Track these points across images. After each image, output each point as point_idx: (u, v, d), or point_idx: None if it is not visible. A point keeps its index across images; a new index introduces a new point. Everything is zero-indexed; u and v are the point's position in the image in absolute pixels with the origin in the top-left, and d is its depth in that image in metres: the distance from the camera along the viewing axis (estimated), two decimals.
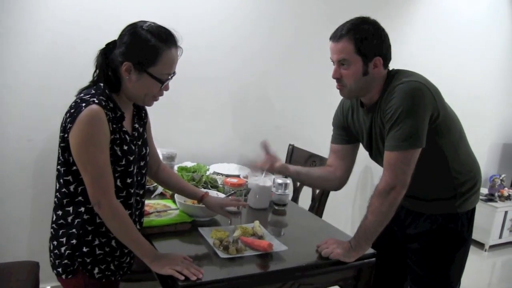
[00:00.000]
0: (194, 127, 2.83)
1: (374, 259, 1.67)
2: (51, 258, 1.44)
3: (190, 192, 1.79)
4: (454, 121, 1.66)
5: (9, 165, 2.33)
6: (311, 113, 3.18)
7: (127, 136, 1.43)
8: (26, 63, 2.26)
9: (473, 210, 1.75)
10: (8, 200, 2.36)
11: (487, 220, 4.00)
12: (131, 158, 1.44)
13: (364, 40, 1.53)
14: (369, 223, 1.56)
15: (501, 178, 4.29)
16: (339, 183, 1.90)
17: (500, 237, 4.15)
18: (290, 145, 2.84)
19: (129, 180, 1.45)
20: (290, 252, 1.60)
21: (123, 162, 1.41)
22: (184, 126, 2.80)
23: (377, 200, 1.54)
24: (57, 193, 1.42)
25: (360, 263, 1.63)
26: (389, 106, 1.52)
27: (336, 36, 1.58)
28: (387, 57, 1.60)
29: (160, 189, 2.13)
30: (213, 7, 2.72)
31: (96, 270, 1.42)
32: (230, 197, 1.96)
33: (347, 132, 1.85)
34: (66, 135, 1.33)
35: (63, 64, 2.31)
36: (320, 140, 2.85)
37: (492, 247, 4.13)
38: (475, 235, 3.95)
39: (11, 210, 2.38)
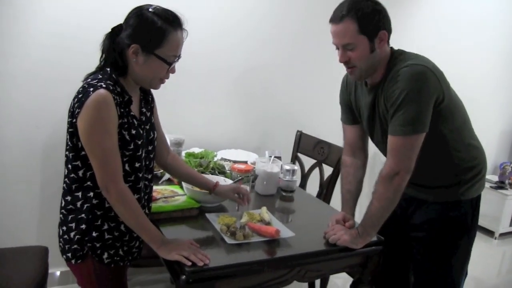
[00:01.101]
0: (202, 113, 2.83)
1: (381, 246, 1.67)
2: (61, 244, 1.45)
3: (200, 182, 1.78)
4: (457, 106, 1.63)
5: (18, 152, 2.34)
6: (319, 100, 3.16)
7: (135, 121, 1.43)
8: (31, 52, 2.26)
9: (478, 197, 1.73)
10: (17, 186, 2.38)
11: (497, 208, 3.97)
12: (139, 143, 1.44)
13: (366, 17, 1.49)
14: (375, 209, 1.55)
15: (511, 165, 4.25)
16: (364, 166, 1.86)
17: (511, 225, 4.12)
18: (298, 131, 2.82)
19: (137, 165, 1.45)
20: (297, 238, 1.60)
21: (132, 147, 1.41)
22: (192, 112, 2.79)
23: (381, 186, 1.53)
24: (66, 179, 1.42)
25: (367, 250, 1.63)
26: (393, 90, 1.50)
27: (337, 18, 1.53)
28: (389, 30, 1.57)
29: (167, 175, 2.13)
30: None
31: (105, 255, 1.43)
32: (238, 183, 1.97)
33: (352, 111, 1.82)
34: (74, 120, 1.33)
35: (69, 51, 2.30)
36: (327, 126, 2.85)
37: (502, 235, 4.10)
38: (485, 223, 3.98)
39: (20, 196, 2.40)
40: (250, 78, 2.93)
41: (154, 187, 1.86)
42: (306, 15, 2.99)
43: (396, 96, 1.48)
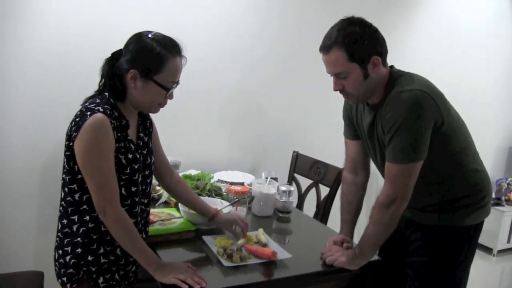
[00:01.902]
0: (198, 135, 2.84)
1: (378, 259, 1.67)
2: (56, 267, 1.45)
3: (201, 209, 1.77)
4: (458, 130, 1.57)
5: (15, 175, 2.34)
6: (315, 120, 3.18)
7: (131, 145, 1.44)
8: (30, 73, 2.28)
9: (478, 225, 1.65)
10: (14, 209, 2.37)
11: (495, 225, 3.97)
12: (136, 167, 1.45)
13: (355, 44, 1.44)
14: (371, 233, 1.54)
15: (507, 182, 4.26)
16: (364, 184, 1.82)
17: (508, 241, 4.11)
18: (294, 151, 2.83)
19: (133, 189, 1.45)
20: (294, 259, 1.60)
21: (128, 171, 1.42)
22: (188, 134, 2.80)
23: (377, 212, 1.51)
24: (62, 202, 1.43)
25: (364, 271, 1.62)
26: (389, 116, 1.46)
27: (325, 47, 1.49)
28: (383, 53, 1.51)
29: (164, 197, 2.13)
30: (216, 17, 2.74)
31: (101, 280, 1.42)
32: (234, 208, 1.97)
33: (354, 126, 1.77)
34: (71, 144, 1.34)
35: (67, 73, 2.32)
36: (323, 146, 2.86)
37: (500, 252, 4.09)
38: (483, 240, 3.93)
39: (16, 219, 2.39)
40: (246, 99, 2.96)
41: (151, 210, 1.86)
42: (301, 34, 3.03)
43: (392, 123, 1.44)
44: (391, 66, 1.59)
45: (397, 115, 1.43)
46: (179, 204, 1.88)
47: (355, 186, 1.80)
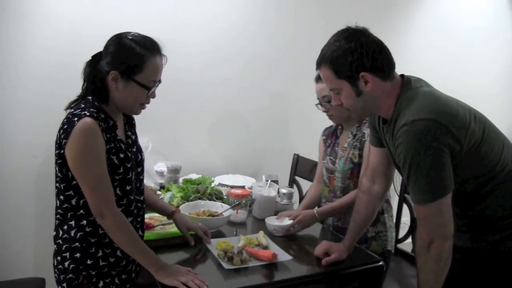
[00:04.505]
0: (198, 139, 2.84)
1: (381, 263, 1.66)
2: (56, 274, 1.44)
3: (159, 207, 1.75)
4: (482, 149, 1.34)
5: (15, 181, 2.35)
6: (315, 123, 3.17)
7: (122, 145, 1.45)
8: (30, 82, 2.30)
9: None
10: (14, 216, 2.38)
11: None
12: (129, 166, 1.45)
13: (338, 60, 1.36)
14: (422, 281, 1.36)
15: None
16: (381, 195, 1.69)
17: None
18: (295, 154, 2.83)
19: (128, 188, 1.46)
20: (295, 261, 1.60)
21: (121, 170, 1.43)
22: (188, 139, 2.81)
23: (420, 258, 1.35)
24: (59, 210, 1.43)
25: (365, 271, 1.62)
26: (399, 152, 1.32)
27: (317, 64, 1.45)
28: (378, 69, 1.36)
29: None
30: (213, 16, 2.75)
31: (101, 284, 1.42)
32: (235, 211, 1.97)
33: (378, 132, 1.62)
34: (62, 151, 1.35)
35: (67, 82, 2.31)
36: None
37: None
38: None
39: (16, 226, 2.39)
40: (246, 102, 2.96)
41: (151, 215, 1.86)
42: (299, 37, 3.04)
43: (403, 162, 1.31)
44: (402, 76, 1.44)
45: (406, 153, 1.29)
46: (180, 208, 1.87)
47: (368, 195, 1.69)
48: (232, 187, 2.38)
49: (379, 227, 2.04)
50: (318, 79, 2.04)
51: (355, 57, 1.34)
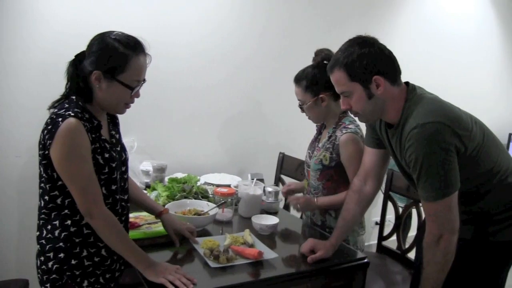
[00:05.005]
0: (184, 138, 2.84)
1: (366, 261, 1.68)
2: (39, 275, 1.43)
3: (147, 206, 1.75)
4: (482, 150, 1.46)
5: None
6: (300, 121, 3.18)
7: (106, 144, 1.45)
8: (12, 81, 2.28)
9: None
10: None
11: None
12: (114, 165, 1.45)
13: (353, 64, 1.44)
14: (428, 275, 1.46)
15: None
16: (371, 195, 1.76)
17: None
18: (280, 153, 2.84)
19: (113, 187, 1.46)
20: (281, 259, 1.61)
21: (106, 170, 1.42)
22: (174, 138, 2.80)
23: (428, 252, 1.44)
24: (43, 210, 1.42)
25: (351, 268, 1.64)
26: (409, 154, 1.40)
27: (329, 68, 1.52)
28: (390, 72, 1.47)
29: None
30: (204, 17, 2.75)
31: (86, 283, 1.41)
32: (220, 209, 1.97)
33: (376, 133, 1.70)
34: (47, 152, 1.34)
35: (51, 81, 2.27)
36: None
37: None
38: None
39: None
40: (232, 102, 2.96)
41: (137, 214, 1.86)
42: (288, 40, 3.05)
43: (414, 162, 1.39)
44: (407, 84, 1.54)
45: (417, 154, 1.37)
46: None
47: (358, 195, 1.75)
48: (218, 185, 2.38)
49: None
50: (296, 81, 2.07)
51: (370, 61, 1.44)
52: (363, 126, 2.01)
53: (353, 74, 1.45)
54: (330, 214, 2.04)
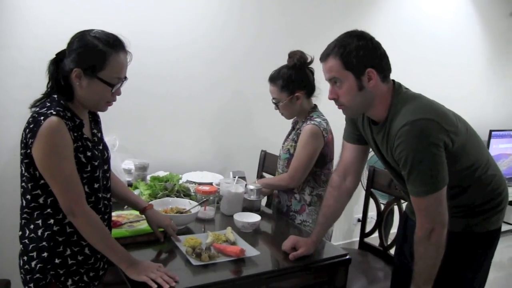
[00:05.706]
0: (166, 136, 2.84)
1: (348, 257, 1.71)
2: (22, 275, 1.43)
3: (132, 201, 1.76)
4: (467, 146, 1.51)
5: None
6: (281, 119, 3.21)
7: (88, 143, 1.45)
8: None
9: (495, 232, 1.60)
10: None
11: None
12: (96, 164, 1.45)
13: (350, 53, 1.45)
14: (421, 269, 1.48)
15: None
16: (350, 191, 1.80)
17: None
18: (262, 151, 2.87)
19: (96, 185, 1.47)
20: (263, 256, 1.63)
21: (89, 168, 1.43)
22: (157, 136, 2.79)
23: (420, 246, 1.47)
24: (25, 209, 1.41)
25: (333, 265, 1.67)
26: (399, 151, 1.43)
27: (323, 56, 1.53)
28: (382, 68, 1.50)
29: None
30: (179, 13, 2.75)
31: (70, 282, 1.41)
32: (203, 208, 1.98)
33: (357, 128, 1.72)
34: (28, 151, 1.33)
35: (31, 80, 2.25)
36: None
37: None
38: None
39: None
40: (213, 99, 2.97)
41: (120, 212, 1.86)
42: (264, 37, 3.07)
43: (404, 159, 1.42)
44: (394, 82, 1.57)
45: (408, 150, 1.40)
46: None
47: (339, 191, 1.78)
48: (200, 184, 2.39)
49: (304, 216, 2.21)
50: (271, 80, 2.22)
51: (366, 53, 1.47)
52: (333, 123, 2.13)
53: (347, 63, 1.46)
54: (295, 197, 2.23)
